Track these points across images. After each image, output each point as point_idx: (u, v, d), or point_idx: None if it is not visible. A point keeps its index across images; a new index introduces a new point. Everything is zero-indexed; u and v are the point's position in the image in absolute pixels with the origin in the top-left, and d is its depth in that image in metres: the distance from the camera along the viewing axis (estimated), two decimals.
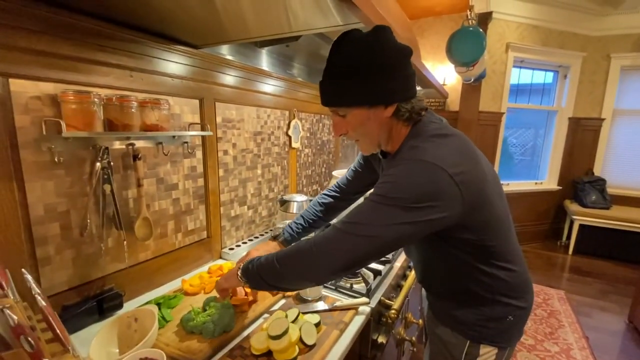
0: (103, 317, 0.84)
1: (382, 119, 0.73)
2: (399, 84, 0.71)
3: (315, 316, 0.85)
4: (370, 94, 0.70)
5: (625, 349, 2.16)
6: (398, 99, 0.71)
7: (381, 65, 0.68)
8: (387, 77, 0.69)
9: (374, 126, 0.75)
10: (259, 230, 1.50)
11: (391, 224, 0.64)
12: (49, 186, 0.75)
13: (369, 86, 0.69)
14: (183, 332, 0.79)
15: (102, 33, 0.80)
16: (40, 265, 0.75)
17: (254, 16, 0.79)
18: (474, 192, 0.68)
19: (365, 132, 0.76)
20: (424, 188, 0.64)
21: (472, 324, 0.82)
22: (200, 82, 1.10)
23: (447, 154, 0.67)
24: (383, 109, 0.72)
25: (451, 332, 0.85)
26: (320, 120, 1.96)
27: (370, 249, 0.66)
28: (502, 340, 0.82)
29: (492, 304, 0.79)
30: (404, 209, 0.63)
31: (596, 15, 3.65)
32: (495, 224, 0.75)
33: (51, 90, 0.73)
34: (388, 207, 0.64)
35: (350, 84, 0.70)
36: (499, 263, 0.77)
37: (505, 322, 0.80)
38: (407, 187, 0.64)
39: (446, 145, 0.70)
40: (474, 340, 0.82)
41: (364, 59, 0.68)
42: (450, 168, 0.64)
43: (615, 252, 3.61)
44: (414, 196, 0.63)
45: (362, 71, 0.68)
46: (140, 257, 0.98)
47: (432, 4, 2.94)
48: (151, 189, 0.98)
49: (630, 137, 3.88)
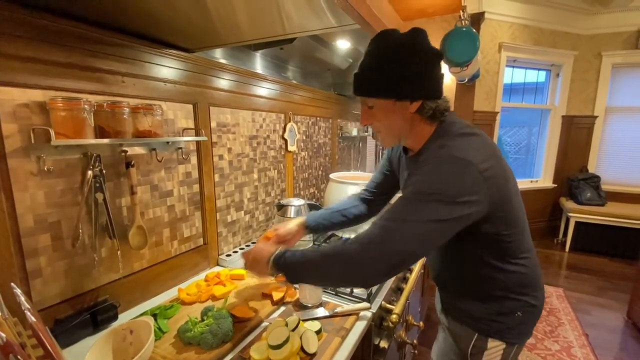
0: (97, 329, 0.82)
1: (406, 113, 0.77)
2: (426, 83, 0.75)
3: (316, 323, 0.83)
4: (397, 89, 0.74)
5: (625, 346, 2.16)
6: (423, 97, 0.75)
7: (411, 64, 0.73)
8: (416, 75, 0.74)
9: (397, 119, 0.78)
10: (257, 236, 1.48)
11: (434, 219, 0.66)
12: (38, 196, 0.72)
13: (398, 81, 0.74)
14: (180, 343, 0.77)
15: (92, 38, 0.78)
16: (30, 278, 0.73)
17: (247, 19, 0.78)
18: (499, 188, 0.71)
19: (388, 124, 0.80)
20: (462, 183, 0.67)
21: (481, 318, 0.84)
22: (194, 86, 1.08)
23: (475, 151, 0.70)
24: (408, 104, 0.76)
25: (460, 325, 0.88)
26: (316, 123, 1.94)
27: (417, 247, 0.67)
28: (511, 335, 0.83)
29: (502, 299, 0.82)
30: (445, 203, 0.66)
31: (587, 14, 3.69)
32: (513, 220, 0.78)
33: (40, 98, 0.71)
34: (430, 203, 0.66)
35: (381, 77, 0.75)
36: (513, 260, 0.80)
37: (514, 317, 0.82)
38: (445, 183, 0.67)
39: (473, 142, 0.73)
40: (482, 334, 0.84)
41: (397, 56, 0.73)
42: (479, 164, 0.68)
43: (611, 248, 3.64)
44: (454, 191, 0.66)
45: (394, 67, 0.73)
46: (135, 267, 0.95)
47: (424, 6, 2.96)
48: (145, 196, 0.96)
49: (623, 134, 3.92)
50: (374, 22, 0.87)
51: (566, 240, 3.81)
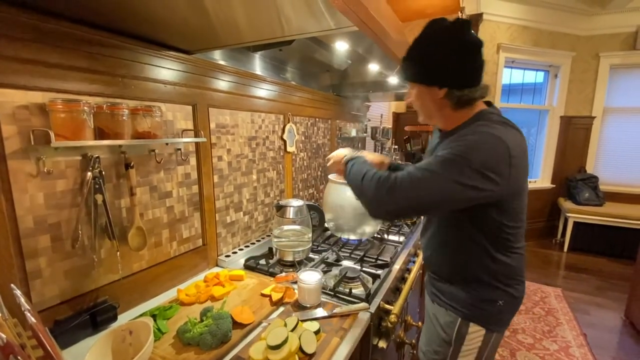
0: (97, 330, 0.82)
1: (436, 98, 0.86)
2: (457, 73, 0.82)
3: (315, 324, 0.83)
4: (427, 76, 0.85)
5: (623, 345, 2.18)
6: (449, 85, 0.83)
7: (441, 56, 0.81)
8: (444, 66, 0.82)
9: (428, 102, 0.89)
10: (256, 236, 1.49)
11: (457, 180, 0.74)
12: (38, 197, 0.73)
13: (428, 70, 0.84)
14: (180, 343, 0.77)
15: (91, 40, 0.78)
16: (30, 279, 0.73)
17: (246, 21, 0.78)
18: (518, 179, 0.79)
19: (421, 105, 0.92)
20: (491, 158, 0.75)
21: (465, 303, 0.91)
22: (193, 88, 1.09)
23: (511, 139, 0.78)
24: (437, 90, 0.84)
25: (445, 311, 0.95)
26: (315, 124, 1.95)
27: (435, 197, 0.77)
28: (490, 323, 0.91)
29: (488, 287, 0.89)
30: (471, 170, 0.74)
31: (585, 15, 3.71)
32: (518, 215, 0.85)
33: (39, 99, 0.71)
34: (459, 165, 0.74)
35: (416, 64, 0.87)
36: (507, 252, 0.87)
37: (496, 306, 0.89)
38: (477, 151, 0.75)
39: (510, 131, 0.81)
40: (465, 319, 0.91)
41: (430, 48, 0.83)
42: (512, 149, 0.76)
43: (609, 248, 3.65)
44: (481, 161, 0.74)
45: (426, 57, 0.84)
46: (134, 268, 0.96)
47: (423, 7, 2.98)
48: (144, 197, 0.96)
49: (620, 134, 3.94)
50: (372, 24, 0.87)
51: (564, 241, 3.82)
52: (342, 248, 1.39)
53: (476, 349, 0.92)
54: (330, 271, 1.19)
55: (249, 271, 1.18)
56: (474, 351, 0.92)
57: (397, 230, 1.66)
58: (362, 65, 1.64)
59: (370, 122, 2.87)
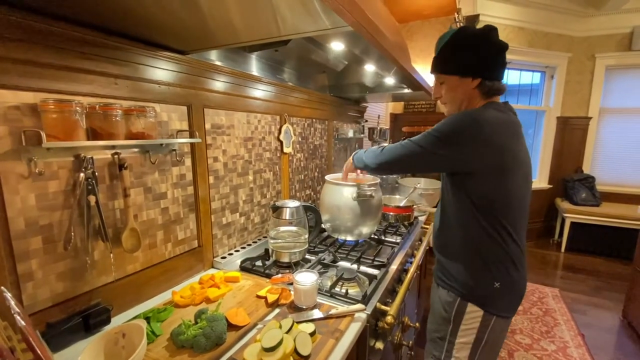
0: (89, 333, 0.81)
1: (468, 89, 0.98)
2: (486, 66, 0.95)
3: (310, 325, 0.83)
4: (462, 68, 0.97)
5: (620, 346, 2.18)
6: (482, 76, 0.95)
7: (474, 51, 0.95)
8: (478, 59, 0.95)
9: (460, 93, 1.00)
10: (252, 238, 1.48)
11: (421, 145, 0.96)
12: (29, 199, 0.72)
13: (463, 62, 0.96)
14: (173, 346, 0.76)
15: (84, 40, 0.77)
16: (21, 282, 0.72)
17: (242, 21, 0.78)
18: (492, 153, 0.89)
19: (453, 97, 1.02)
20: (454, 128, 0.91)
21: (463, 284, 0.98)
22: (188, 88, 1.08)
23: (491, 119, 0.90)
24: (470, 81, 0.96)
25: (447, 292, 1.03)
26: (312, 125, 1.95)
27: (410, 158, 1.00)
28: (487, 304, 0.96)
29: (483, 268, 0.96)
30: (435, 137, 0.94)
31: (580, 17, 3.73)
32: (507, 195, 0.93)
33: (31, 100, 0.70)
34: (427, 135, 0.96)
35: (451, 58, 0.98)
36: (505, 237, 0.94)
37: (492, 287, 0.95)
38: (446, 125, 0.92)
39: (496, 115, 0.93)
40: (463, 298, 0.98)
41: (465, 44, 0.96)
42: (485, 127, 0.88)
43: (606, 248, 3.67)
44: (446, 131, 0.92)
45: (461, 52, 0.96)
46: (128, 270, 0.95)
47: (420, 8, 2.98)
48: (139, 198, 0.96)
49: (617, 134, 3.96)
50: (368, 24, 0.87)
51: (562, 241, 3.83)
52: (339, 249, 1.39)
53: (475, 329, 0.97)
54: (327, 272, 1.18)
55: (245, 273, 1.17)
56: (473, 331, 0.98)
57: (394, 231, 1.66)
58: (358, 66, 1.64)
59: (368, 122, 2.87)
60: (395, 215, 1.76)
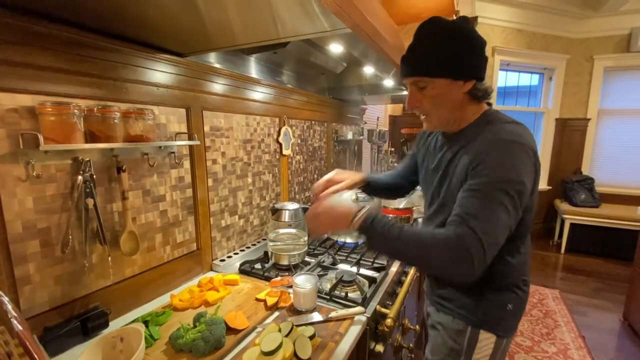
0: (87, 337, 0.81)
1: (459, 94, 0.79)
2: (479, 64, 0.78)
3: (310, 328, 0.82)
4: (453, 67, 0.76)
5: (621, 347, 2.17)
6: (476, 76, 0.78)
7: (469, 44, 0.76)
8: (470, 55, 0.76)
9: (449, 101, 0.80)
10: (251, 240, 1.47)
11: (503, 211, 0.68)
12: (27, 202, 0.71)
13: (455, 61, 0.75)
14: (172, 350, 0.76)
15: (82, 43, 0.77)
16: (19, 286, 0.72)
17: (240, 23, 0.78)
18: (537, 177, 0.76)
19: (439, 105, 0.81)
20: (527, 171, 0.70)
21: (474, 310, 0.86)
22: (186, 90, 1.08)
23: (530, 139, 0.75)
24: (462, 84, 0.78)
25: (453, 319, 0.89)
26: (311, 127, 1.94)
27: (499, 237, 0.69)
28: (500, 328, 0.86)
29: (497, 291, 0.84)
30: (511, 193, 0.68)
31: (578, 19, 3.74)
32: (533, 210, 0.81)
33: (29, 102, 0.70)
34: (500, 194, 0.68)
35: (439, 56, 0.76)
36: (515, 253, 0.83)
37: (505, 310, 0.85)
38: (515, 172, 0.69)
39: (526, 131, 0.77)
40: (475, 326, 0.86)
41: (454, 37, 0.75)
42: (535, 150, 0.73)
43: (606, 249, 3.66)
44: (521, 179, 0.69)
45: (451, 47, 0.75)
46: (126, 273, 0.94)
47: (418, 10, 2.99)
48: (137, 201, 0.95)
49: (615, 136, 3.96)
50: (366, 26, 0.87)
51: (561, 242, 3.83)
52: (339, 251, 1.38)
53: (487, 356, 0.88)
54: (326, 275, 1.17)
55: (244, 275, 1.17)
56: (485, 359, 0.88)
57: None
58: (357, 68, 1.64)
59: (367, 124, 2.88)
60: (394, 217, 1.76)
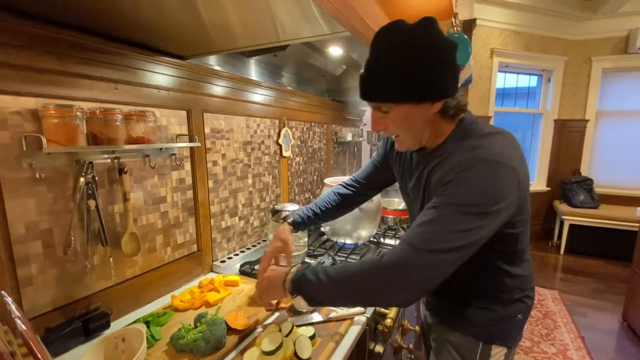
0: (89, 338, 0.81)
1: (428, 115, 0.70)
2: (448, 79, 0.67)
3: (310, 328, 0.83)
4: (418, 90, 0.66)
5: (621, 348, 2.18)
6: (446, 95, 0.68)
7: (433, 58, 0.64)
8: (437, 71, 0.65)
9: (418, 123, 0.72)
10: (251, 241, 1.48)
11: (467, 231, 0.60)
12: (30, 204, 0.72)
13: (416, 83, 0.65)
14: (173, 350, 0.76)
15: (85, 46, 0.78)
16: (21, 286, 0.72)
17: (241, 26, 0.79)
18: (525, 189, 0.69)
19: (408, 128, 0.73)
20: (499, 190, 0.62)
21: (485, 325, 0.82)
22: (187, 93, 1.09)
23: (509, 151, 0.66)
24: (430, 105, 0.68)
25: (464, 336, 0.84)
26: (311, 129, 1.95)
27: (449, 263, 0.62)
28: (510, 339, 0.83)
29: (507, 303, 0.81)
30: (479, 215, 0.60)
31: (576, 20, 3.76)
32: (527, 221, 0.76)
33: (32, 105, 0.71)
34: (463, 216, 0.60)
35: (396, 79, 0.66)
36: (520, 262, 0.81)
37: (516, 321, 0.82)
38: (482, 192, 0.61)
39: (503, 142, 0.68)
40: (486, 342, 0.82)
41: (413, 54, 0.64)
42: (517, 167, 0.64)
43: (605, 250, 3.67)
44: (490, 200, 0.61)
45: (410, 67, 0.64)
46: (127, 274, 0.95)
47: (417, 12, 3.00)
48: (138, 203, 0.96)
49: (614, 137, 3.98)
50: (365, 29, 0.88)
51: (561, 243, 3.84)
52: (339, 252, 1.39)
53: None
54: None
55: (245, 276, 1.17)
56: None
57: (393, 234, 1.66)
58: (357, 70, 1.65)
59: (366, 126, 2.89)
60: (394, 218, 1.76)
